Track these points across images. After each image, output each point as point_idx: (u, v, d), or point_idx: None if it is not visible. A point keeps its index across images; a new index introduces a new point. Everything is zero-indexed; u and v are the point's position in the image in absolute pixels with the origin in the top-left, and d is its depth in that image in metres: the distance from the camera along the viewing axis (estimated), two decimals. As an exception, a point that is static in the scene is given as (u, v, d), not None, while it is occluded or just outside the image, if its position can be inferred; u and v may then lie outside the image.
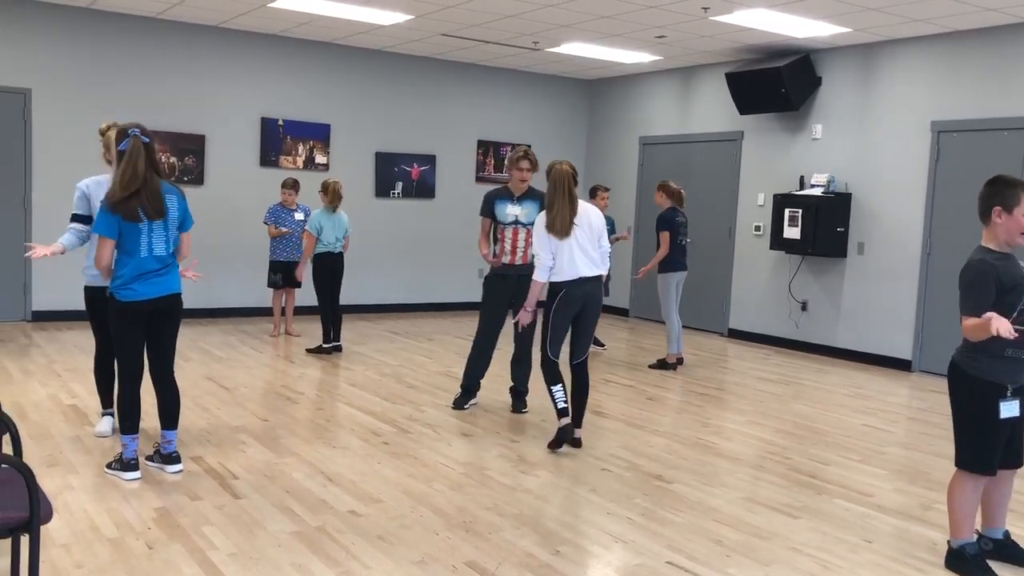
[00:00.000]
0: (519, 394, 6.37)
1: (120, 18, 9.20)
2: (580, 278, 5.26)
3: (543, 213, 5.34)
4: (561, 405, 5.35)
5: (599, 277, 5.39)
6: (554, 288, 5.30)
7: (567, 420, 5.38)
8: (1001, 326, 3.25)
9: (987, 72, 8.00)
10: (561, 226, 5.21)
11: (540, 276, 5.32)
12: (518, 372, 6.35)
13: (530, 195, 6.20)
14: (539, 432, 5.77)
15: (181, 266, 4.67)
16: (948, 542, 3.81)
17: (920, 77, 8.53)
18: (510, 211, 6.18)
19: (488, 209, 6.25)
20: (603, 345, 9.11)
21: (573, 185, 5.30)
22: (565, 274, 5.25)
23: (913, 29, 8.22)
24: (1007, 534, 3.88)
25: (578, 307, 5.31)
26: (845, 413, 6.76)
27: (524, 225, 6.19)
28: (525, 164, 6.11)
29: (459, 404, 6.34)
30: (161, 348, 4.57)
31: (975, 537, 3.79)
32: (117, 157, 4.39)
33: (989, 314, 3.33)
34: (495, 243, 6.28)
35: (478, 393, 6.47)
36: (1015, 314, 3.47)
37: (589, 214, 5.36)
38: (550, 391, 5.37)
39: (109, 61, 9.20)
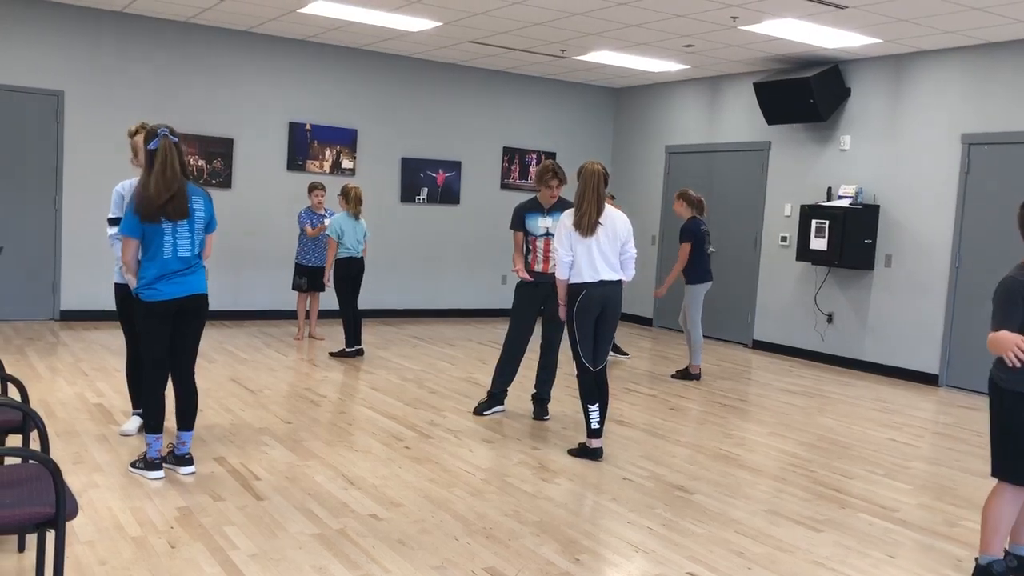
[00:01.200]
0: (541, 401, 6.37)
1: (152, 22, 9.31)
2: (599, 281, 5.25)
3: (569, 211, 5.36)
4: (595, 426, 5.34)
5: (619, 282, 5.37)
6: (573, 290, 5.30)
7: (599, 444, 5.38)
8: (1009, 341, 3.33)
9: (1019, 85, 7.91)
10: (588, 224, 5.22)
11: (561, 273, 5.33)
12: (542, 379, 6.35)
13: (560, 206, 6.21)
14: (561, 440, 5.76)
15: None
16: (976, 559, 3.76)
17: (951, 89, 8.45)
18: (541, 223, 6.22)
19: (519, 223, 6.27)
20: (627, 354, 9.08)
21: (603, 186, 5.29)
22: (584, 275, 5.25)
23: (944, 41, 8.14)
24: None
25: (598, 310, 5.29)
26: (870, 427, 6.69)
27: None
28: (555, 183, 6.11)
29: (480, 410, 6.34)
30: (183, 348, 4.60)
31: (1003, 554, 3.73)
32: (147, 157, 4.43)
33: (1003, 332, 3.36)
34: (527, 253, 6.29)
35: (505, 401, 6.47)
36: None
37: (615, 219, 5.35)
38: (586, 409, 5.36)
39: (140, 64, 9.31)
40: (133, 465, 4.61)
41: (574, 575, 3.63)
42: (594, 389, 5.35)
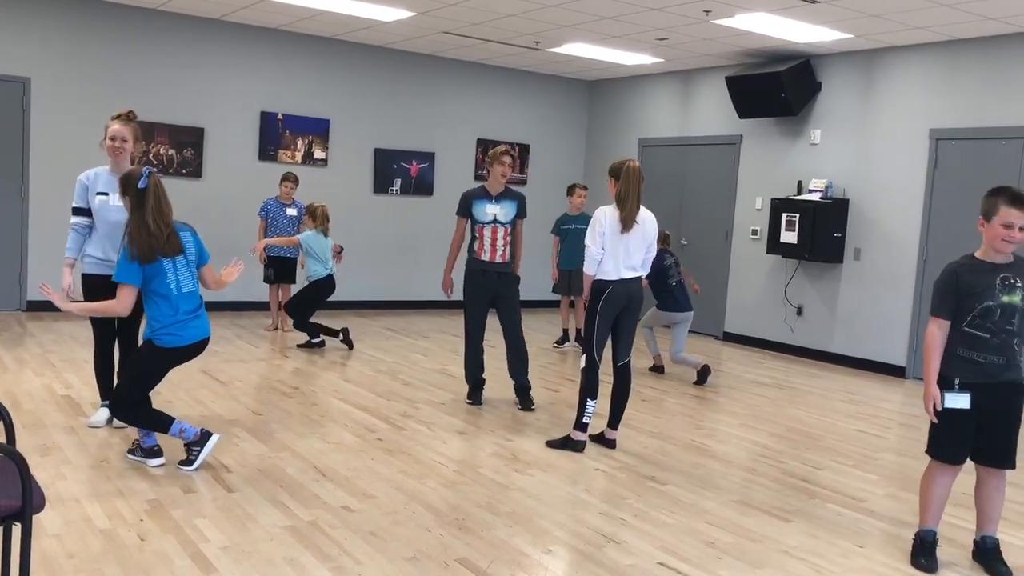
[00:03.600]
0: (524, 390, 6.40)
1: (122, 9, 9.18)
2: (623, 279, 5.27)
3: (606, 208, 5.29)
4: (586, 420, 5.36)
5: (639, 278, 5.39)
6: (598, 287, 5.30)
7: (584, 437, 5.39)
8: (928, 396, 3.79)
9: (986, 81, 8.02)
10: (630, 221, 5.22)
11: (589, 269, 5.31)
12: (515, 366, 6.37)
13: (508, 195, 6.30)
14: (534, 431, 5.77)
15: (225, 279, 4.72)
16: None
17: (920, 84, 8.54)
18: (489, 210, 6.28)
19: (466, 209, 6.34)
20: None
21: (642, 184, 5.29)
22: (611, 273, 5.26)
23: (914, 37, 8.23)
24: (986, 539, 3.91)
25: (621, 307, 5.32)
26: (839, 418, 6.77)
27: (502, 224, 6.26)
28: (508, 159, 6.23)
29: (476, 400, 6.42)
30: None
31: (935, 527, 3.94)
32: (136, 197, 4.35)
33: (927, 383, 3.78)
34: (473, 240, 6.35)
35: (485, 386, 6.53)
36: (970, 318, 3.72)
37: (646, 220, 5.36)
38: (584, 402, 5.35)
39: (110, 52, 9.18)
40: (131, 452, 4.64)
41: (546, 566, 3.64)
42: (597, 385, 5.36)
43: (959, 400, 3.74)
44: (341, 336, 8.14)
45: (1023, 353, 3.79)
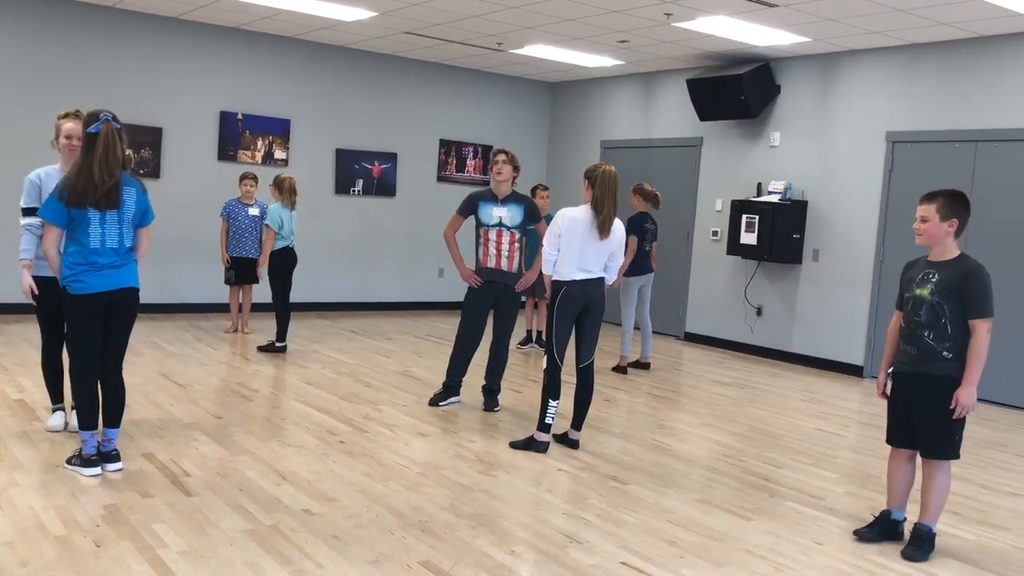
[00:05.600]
0: (491, 392, 6.38)
1: (78, 6, 9.02)
2: (578, 280, 5.26)
3: (568, 210, 5.29)
4: (549, 420, 5.36)
5: (601, 279, 5.38)
6: (555, 287, 5.31)
7: (547, 438, 5.39)
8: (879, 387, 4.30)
9: (942, 85, 8.17)
10: (607, 227, 5.24)
11: (547, 269, 5.34)
12: (492, 371, 6.34)
13: (514, 198, 6.22)
14: (497, 432, 5.77)
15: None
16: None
17: (877, 88, 8.68)
18: (495, 213, 6.18)
19: (470, 209, 6.21)
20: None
21: (617, 189, 5.33)
22: (566, 274, 5.26)
23: (871, 41, 8.36)
24: (887, 513, 4.24)
25: (579, 308, 5.32)
26: (798, 417, 6.85)
27: (508, 228, 6.18)
28: (501, 158, 6.16)
29: (436, 401, 6.37)
30: (110, 343, 4.46)
31: (891, 508, 4.26)
32: (86, 140, 4.28)
33: (879, 376, 4.30)
34: (477, 247, 6.24)
35: (460, 392, 6.48)
36: (906, 305, 4.10)
37: (617, 227, 5.38)
38: (546, 403, 5.35)
39: (65, 49, 9.02)
40: (69, 462, 4.48)
41: (509, 567, 3.64)
42: (559, 385, 5.36)
43: (889, 387, 4.23)
44: (283, 347, 8.04)
45: (942, 348, 3.96)
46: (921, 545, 4.03)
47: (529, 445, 5.38)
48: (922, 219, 3.99)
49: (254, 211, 8.67)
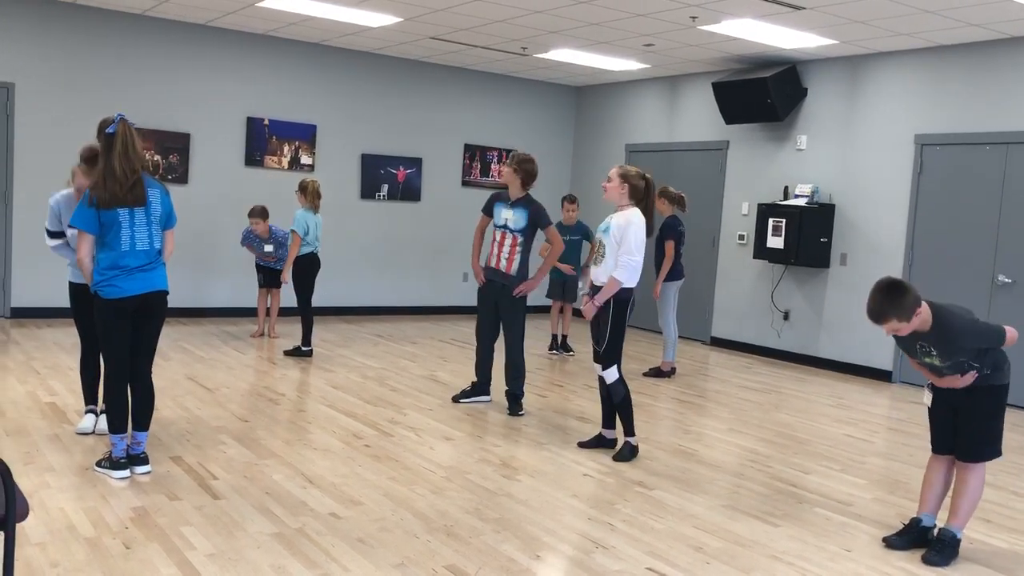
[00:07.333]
0: (514, 397, 6.41)
1: (106, 14, 9.14)
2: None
3: (639, 220, 5.25)
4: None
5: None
6: (626, 295, 5.30)
7: (636, 443, 5.49)
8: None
9: (971, 87, 8.07)
10: (652, 230, 5.39)
11: (634, 278, 5.24)
12: (508, 375, 6.39)
13: (522, 202, 6.26)
14: (521, 436, 5.76)
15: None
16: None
17: (905, 90, 8.59)
18: (503, 214, 6.30)
19: (487, 207, 6.48)
20: (572, 351, 9.12)
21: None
22: (634, 280, 5.30)
23: (899, 43, 8.28)
24: (917, 521, 4.17)
25: None
26: (826, 422, 6.79)
27: (511, 231, 6.22)
28: (505, 161, 6.29)
29: (458, 397, 6.56)
30: (141, 346, 4.52)
31: (921, 515, 4.19)
32: (105, 142, 4.34)
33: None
34: (491, 245, 6.46)
35: (490, 392, 6.62)
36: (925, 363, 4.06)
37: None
38: (630, 411, 5.43)
39: (94, 57, 9.14)
40: (99, 464, 4.54)
41: (535, 572, 3.63)
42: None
43: (926, 398, 4.22)
44: (309, 351, 8.09)
45: (986, 365, 3.96)
46: (943, 550, 4.00)
47: (633, 453, 5.39)
48: (894, 334, 3.87)
49: (268, 247, 8.64)
